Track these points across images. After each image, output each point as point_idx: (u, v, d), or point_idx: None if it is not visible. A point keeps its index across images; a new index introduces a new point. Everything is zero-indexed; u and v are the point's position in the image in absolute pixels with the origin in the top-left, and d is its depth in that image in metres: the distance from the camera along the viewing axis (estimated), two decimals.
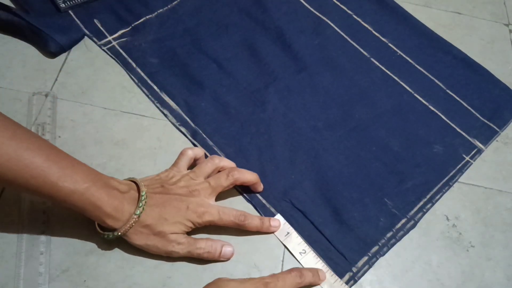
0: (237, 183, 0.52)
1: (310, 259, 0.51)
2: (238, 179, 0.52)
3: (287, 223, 0.53)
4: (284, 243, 0.52)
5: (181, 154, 0.53)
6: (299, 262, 0.51)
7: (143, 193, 0.47)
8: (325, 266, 0.50)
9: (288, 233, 0.52)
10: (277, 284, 0.45)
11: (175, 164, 0.53)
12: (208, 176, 0.51)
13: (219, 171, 0.52)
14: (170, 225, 0.47)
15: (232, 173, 0.51)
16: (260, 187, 0.55)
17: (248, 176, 0.53)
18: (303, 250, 0.51)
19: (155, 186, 0.49)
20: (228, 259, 0.50)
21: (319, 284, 0.49)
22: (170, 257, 0.49)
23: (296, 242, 0.52)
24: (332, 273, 0.50)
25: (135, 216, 0.45)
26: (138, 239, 0.47)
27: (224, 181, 0.51)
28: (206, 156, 0.56)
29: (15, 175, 0.41)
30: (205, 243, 0.49)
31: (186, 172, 0.52)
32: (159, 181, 0.50)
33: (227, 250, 0.50)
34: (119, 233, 0.46)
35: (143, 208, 0.46)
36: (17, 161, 0.41)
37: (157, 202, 0.47)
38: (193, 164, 0.54)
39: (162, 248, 0.47)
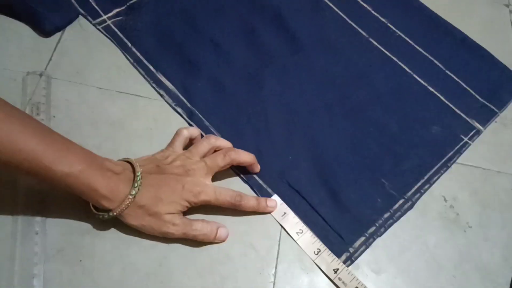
0: (233, 163, 0.52)
1: (307, 239, 0.51)
2: (235, 160, 0.51)
3: (284, 203, 0.53)
4: (281, 223, 0.52)
5: (176, 134, 0.53)
6: (296, 242, 0.51)
7: (139, 173, 0.46)
8: (322, 245, 0.50)
9: (285, 213, 0.52)
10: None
11: (170, 144, 0.52)
12: (204, 156, 0.51)
13: (215, 151, 0.52)
14: (165, 205, 0.46)
15: (229, 154, 0.51)
16: (257, 168, 0.54)
17: (245, 157, 0.52)
18: (300, 230, 0.51)
19: (150, 166, 0.48)
20: (223, 241, 0.50)
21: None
22: (166, 238, 0.48)
23: (293, 222, 0.52)
24: (330, 252, 0.50)
25: (130, 197, 0.45)
26: (133, 220, 0.47)
27: (220, 161, 0.50)
28: (202, 136, 0.55)
29: (8, 158, 0.41)
30: (201, 225, 0.48)
31: (181, 152, 0.51)
32: (155, 161, 0.49)
33: (222, 232, 0.49)
34: (114, 214, 0.45)
35: (138, 189, 0.46)
36: (10, 144, 0.40)
37: (152, 182, 0.47)
38: (188, 144, 0.54)
39: (157, 229, 0.47)
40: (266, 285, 0.48)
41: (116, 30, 0.64)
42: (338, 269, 0.49)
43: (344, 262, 0.50)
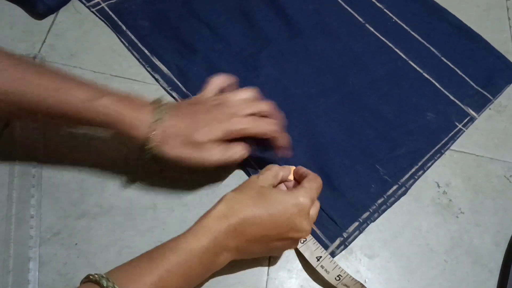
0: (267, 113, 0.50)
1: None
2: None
3: None
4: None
5: (207, 83, 0.51)
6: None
7: (161, 101, 0.45)
8: (313, 238, 0.50)
9: None
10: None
11: (202, 90, 0.50)
12: None
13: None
14: (203, 133, 0.44)
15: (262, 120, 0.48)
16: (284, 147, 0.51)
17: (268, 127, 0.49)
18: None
19: (182, 102, 0.49)
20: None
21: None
22: (203, 169, 0.46)
23: None
24: (315, 241, 0.49)
25: (154, 123, 0.43)
26: (171, 150, 0.44)
27: (258, 108, 0.48)
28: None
29: (29, 99, 0.41)
30: (235, 148, 0.47)
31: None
32: (186, 101, 0.49)
33: (251, 150, 0.49)
34: (149, 147, 0.43)
35: (161, 114, 0.44)
36: (28, 83, 0.40)
37: (186, 111, 0.46)
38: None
39: (199, 157, 0.45)
40: (261, 271, 0.49)
41: (110, 12, 0.63)
42: (321, 257, 0.49)
43: (338, 247, 0.50)
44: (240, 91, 0.49)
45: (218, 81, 0.51)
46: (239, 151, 0.47)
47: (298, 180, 0.48)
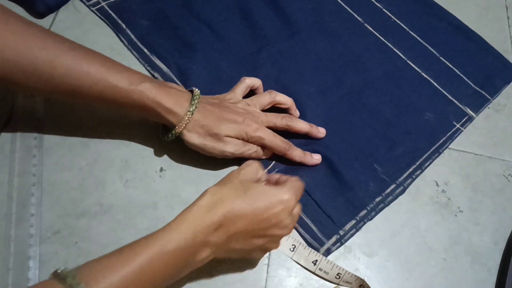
0: (289, 129, 0.55)
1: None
2: (290, 126, 0.54)
3: None
4: None
5: (240, 82, 0.56)
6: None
7: (196, 93, 0.50)
8: (296, 240, 0.50)
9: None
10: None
11: (232, 90, 0.55)
12: (264, 109, 0.55)
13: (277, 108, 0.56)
14: (225, 128, 0.49)
15: (286, 118, 0.54)
16: (318, 133, 0.57)
17: (301, 125, 0.55)
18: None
19: (212, 100, 0.52)
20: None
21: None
22: (222, 159, 0.52)
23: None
24: (305, 245, 0.50)
25: (189, 113, 0.48)
26: (195, 139, 0.49)
27: (278, 121, 0.54)
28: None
29: (78, 84, 0.45)
30: (251, 145, 0.52)
31: (242, 99, 0.55)
32: (217, 98, 0.53)
33: (266, 152, 0.54)
34: (178, 131, 0.49)
35: (195, 106, 0.48)
36: (77, 70, 0.45)
37: (213, 109, 0.50)
38: (249, 94, 0.56)
39: (218, 147, 0.50)
40: (261, 269, 0.49)
41: (110, 11, 0.63)
42: (316, 261, 0.49)
43: (334, 244, 0.51)
44: (264, 94, 0.56)
45: (249, 81, 0.56)
46: (253, 148, 0.52)
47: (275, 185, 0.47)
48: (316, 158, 0.55)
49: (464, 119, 0.61)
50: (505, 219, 0.55)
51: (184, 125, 0.48)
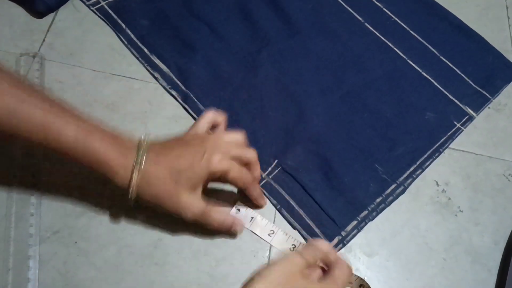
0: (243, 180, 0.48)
1: (280, 237, 0.50)
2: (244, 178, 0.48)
3: (249, 208, 0.51)
4: (251, 229, 0.50)
5: (201, 116, 0.51)
6: (270, 244, 0.50)
7: (143, 143, 0.44)
8: (297, 240, 0.50)
9: (252, 218, 0.51)
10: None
11: (193, 125, 0.50)
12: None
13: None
14: (183, 180, 0.43)
15: (247, 176, 0.48)
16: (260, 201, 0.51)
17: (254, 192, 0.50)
18: (271, 231, 0.51)
19: (166, 141, 0.46)
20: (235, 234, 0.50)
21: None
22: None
23: (262, 225, 0.51)
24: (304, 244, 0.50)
25: (137, 165, 0.42)
26: (149, 197, 0.43)
27: (243, 153, 0.48)
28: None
29: (17, 128, 0.40)
30: (218, 216, 0.46)
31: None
32: (173, 137, 0.47)
33: (237, 227, 0.48)
34: (129, 192, 0.42)
35: (144, 155, 0.42)
36: (19, 113, 0.40)
37: (170, 153, 0.44)
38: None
39: (172, 209, 0.44)
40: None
41: (110, 11, 0.63)
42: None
43: (336, 246, 0.51)
44: (229, 132, 0.49)
45: (210, 116, 0.51)
46: (217, 219, 0.46)
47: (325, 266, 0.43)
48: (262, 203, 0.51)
49: (465, 119, 0.61)
50: (505, 219, 0.55)
51: (132, 184, 0.42)
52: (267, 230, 0.51)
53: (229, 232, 0.48)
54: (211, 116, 0.51)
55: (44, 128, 0.40)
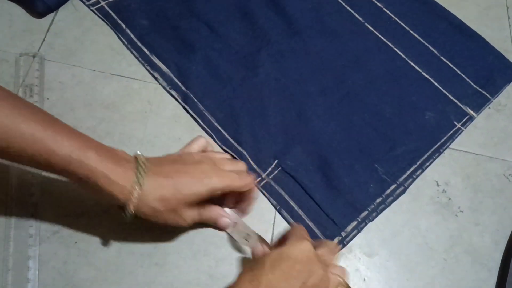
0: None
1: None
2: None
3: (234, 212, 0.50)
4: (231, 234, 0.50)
5: (193, 140, 0.52)
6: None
7: (141, 159, 0.43)
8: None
9: (235, 223, 0.49)
10: None
11: (185, 146, 0.52)
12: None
13: None
14: (181, 197, 0.43)
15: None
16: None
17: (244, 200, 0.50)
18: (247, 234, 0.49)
19: (166, 158, 0.47)
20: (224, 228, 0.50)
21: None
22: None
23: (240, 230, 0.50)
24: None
25: (136, 185, 0.41)
26: (149, 213, 0.43)
27: (237, 166, 0.50)
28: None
29: (9, 144, 0.38)
30: (208, 213, 0.47)
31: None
32: (170, 155, 0.48)
33: (223, 221, 0.49)
34: (129, 207, 0.41)
35: (144, 168, 0.42)
36: (11, 130, 0.38)
37: (168, 170, 0.44)
38: None
39: (172, 222, 0.44)
40: None
41: (109, 11, 0.63)
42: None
43: None
44: (218, 152, 0.53)
45: (202, 142, 0.52)
46: (213, 216, 0.48)
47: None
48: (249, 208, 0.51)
49: (465, 119, 0.61)
50: (505, 219, 0.55)
51: (132, 200, 0.41)
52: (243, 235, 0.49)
53: (219, 226, 0.49)
54: (203, 142, 0.52)
55: (38, 144, 0.39)
